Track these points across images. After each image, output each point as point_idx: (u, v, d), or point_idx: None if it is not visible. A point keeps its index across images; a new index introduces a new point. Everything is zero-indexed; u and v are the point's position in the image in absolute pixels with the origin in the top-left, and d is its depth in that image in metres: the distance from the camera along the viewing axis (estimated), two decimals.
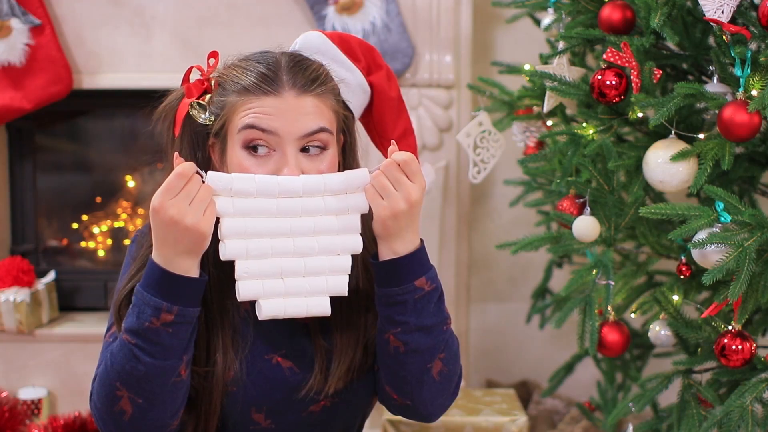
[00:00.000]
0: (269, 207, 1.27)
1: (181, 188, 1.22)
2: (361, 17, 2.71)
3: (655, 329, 2.09)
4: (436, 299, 1.33)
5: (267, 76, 1.31)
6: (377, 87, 1.49)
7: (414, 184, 1.29)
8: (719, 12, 1.72)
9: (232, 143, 1.33)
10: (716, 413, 1.82)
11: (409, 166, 1.29)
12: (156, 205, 1.23)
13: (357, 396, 1.42)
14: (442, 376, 1.36)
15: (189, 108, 1.34)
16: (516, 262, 3.05)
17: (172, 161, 1.35)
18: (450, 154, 2.83)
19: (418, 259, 1.32)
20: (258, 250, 1.27)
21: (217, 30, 2.81)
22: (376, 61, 1.50)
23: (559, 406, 2.91)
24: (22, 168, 3.06)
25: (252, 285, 1.28)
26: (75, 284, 3.09)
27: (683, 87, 1.78)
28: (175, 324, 1.25)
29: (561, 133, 2.07)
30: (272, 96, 1.30)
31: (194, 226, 1.22)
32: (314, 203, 1.29)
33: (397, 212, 1.28)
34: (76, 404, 2.81)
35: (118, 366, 1.27)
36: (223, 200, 1.26)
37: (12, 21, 2.72)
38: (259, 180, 1.27)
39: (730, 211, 1.74)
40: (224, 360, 1.36)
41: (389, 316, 1.33)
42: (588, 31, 1.96)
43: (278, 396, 1.38)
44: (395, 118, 1.53)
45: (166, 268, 1.25)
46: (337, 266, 1.31)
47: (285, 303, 1.29)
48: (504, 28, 2.95)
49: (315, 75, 1.34)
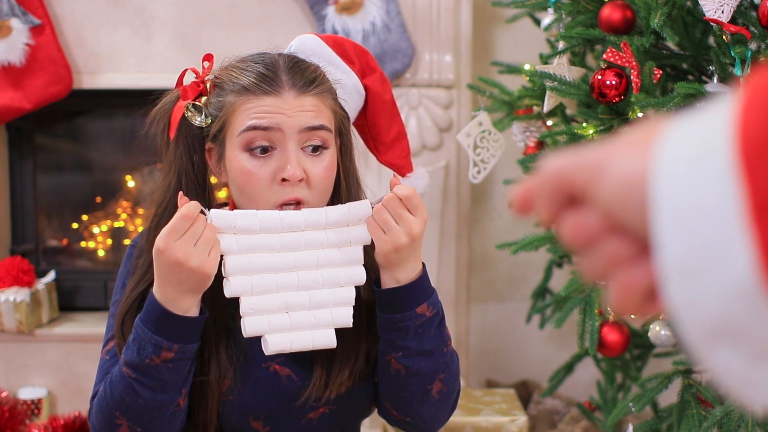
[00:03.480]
0: (272, 242, 1.27)
1: (186, 230, 1.21)
2: (361, 17, 2.70)
3: (655, 329, 2.09)
4: (437, 323, 1.35)
5: (266, 75, 1.31)
6: (372, 90, 1.50)
7: (416, 218, 1.29)
8: (719, 12, 1.73)
9: (231, 146, 1.32)
10: (716, 413, 1.82)
11: (411, 201, 1.29)
12: (161, 247, 1.22)
13: (356, 403, 1.42)
14: (441, 394, 1.38)
15: (185, 110, 1.33)
16: (516, 262, 3.05)
17: (167, 164, 1.35)
18: (450, 154, 2.83)
19: (420, 286, 1.32)
20: (262, 285, 1.27)
21: (217, 30, 2.81)
22: (369, 64, 1.51)
23: (559, 406, 2.91)
24: (22, 168, 3.06)
25: (258, 321, 1.27)
26: (75, 284, 3.09)
27: (683, 87, 1.78)
28: (174, 360, 1.26)
29: (561, 133, 2.07)
30: (272, 96, 1.30)
31: (199, 267, 1.22)
32: (317, 236, 1.29)
33: (398, 246, 1.28)
34: (76, 404, 2.81)
35: (118, 397, 1.28)
36: (227, 238, 1.25)
37: (12, 21, 2.72)
38: (262, 216, 1.26)
39: None
40: (219, 368, 1.35)
41: (391, 340, 1.34)
42: (588, 31, 1.97)
43: (276, 404, 1.38)
44: (389, 122, 1.53)
45: (167, 307, 1.24)
46: (341, 298, 1.31)
47: (291, 337, 1.29)
48: (504, 28, 2.95)
49: (313, 75, 1.34)
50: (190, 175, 1.36)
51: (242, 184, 1.31)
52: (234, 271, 1.26)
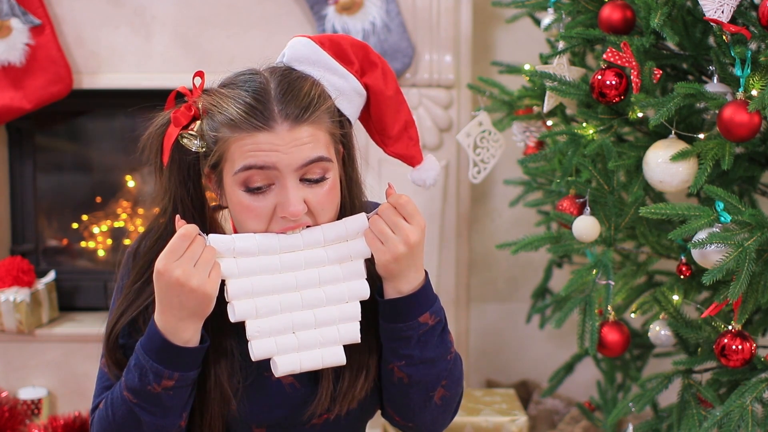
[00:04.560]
0: (273, 263, 1.26)
1: (184, 250, 1.20)
2: (361, 17, 2.70)
3: (655, 329, 2.09)
4: (439, 331, 1.34)
5: (256, 109, 1.24)
6: (373, 88, 1.45)
7: (412, 226, 1.28)
8: (719, 12, 1.72)
9: (229, 182, 1.28)
10: (716, 413, 1.82)
11: (405, 208, 1.28)
12: (160, 268, 1.21)
13: (362, 409, 1.41)
14: (444, 400, 1.38)
15: (179, 138, 1.28)
16: (516, 262, 3.05)
17: (162, 189, 1.31)
18: (450, 154, 2.83)
19: (423, 295, 1.32)
20: (267, 307, 1.26)
21: (217, 30, 2.81)
22: (369, 59, 1.43)
23: (559, 406, 2.91)
24: (22, 168, 3.06)
25: (265, 343, 1.26)
26: (75, 284, 3.09)
27: (683, 87, 1.78)
28: (176, 388, 1.26)
29: (561, 133, 2.07)
30: (265, 132, 1.23)
31: (200, 287, 1.21)
32: (316, 254, 1.28)
33: (397, 255, 1.27)
34: (76, 404, 2.81)
35: (120, 420, 1.29)
36: (227, 262, 1.24)
37: (12, 21, 2.72)
38: (259, 238, 1.25)
39: (730, 211, 1.74)
40: (221, 378, 1.34)
41: (393, 349, 1.33)
42: (588, 31, 1.97)
43: (279, 414, 1.37)
44: (394, 115, 1.49)
45: (168, 337, 1.24)
46: (347, 314, 1.30)
47: (300, 357, 1.28)
48: (504, 28, 2.95)
49: (308, 101, 1.27)
50: (185, 201, 1.32)
51: (242, 219, 1.29)
52: (237, 295, 1.25)
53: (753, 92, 1.73)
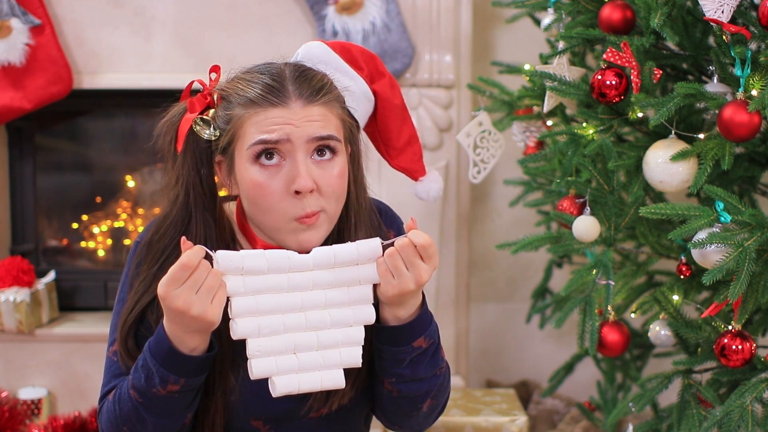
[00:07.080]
0: (280, 282, 1.25)
1: (186, 278, 1.20)
2: (361, 17, 2.70)
3: (655, 329, 2.09)
4: (432, 352, 1.35)
5: (272, 86, 1.29)
6: (381, 95, 1.48)
7: (427, 267, 1.27)
8: (719, 12, 1.72)
9: (240, 160, 1.31)
10: (716, 413, 1.82)
11: (427, 250, 1.27)
12: (162, 294, 1.21)
13: (358, 404, 1.43)
14: (431, 408, 1.41)
15: (193, 124, 1.32)
16: (516, 262, 3.05)
17: (174, 176, 1.34)
18: (450, 154, 2.83)
19: (419, 321, 1.32)
20: (270, 327, 1.24)
21: (217, 30, 2.81)
22: (378, 69, 1.49)
23: (559, 406, 2.91)
24: (22, 168, 3.06)
25: (265, 363, 1.25)
26: (75, 284, 3.09)
27: (683, 87, 1.78)
28: (181, 392, 1.27)
29: (561, 133, 2.07)
30: (279, 107, 1.28)
31: (201, 315, 1.20)
32: (325, 276, 1.27)
33: (405, 291, 1.28)
34: (76, 404, 2.81)
35: (125, 416, 1.31)
36: (234, 279, 1.22)
37: (12, 21, 2.72)
38: (270, 256, 1.24)
39: (730, 211, 1.74)
40: (222, 375, 1.36)
41: (385, 367, 1.35)
42: (588, 31, 1.97)
43: (277, 408, 1.38)
44: (400, 126, 1.51)
45: (175, 344, 1.25)
46: (351, 338, 1.29)
47: (299, 378, 1.27)
48: (504, 28, 2.95)
49: (320, 84, 1.32)
50: (197, 188, 1.35)
51: (255, 198, 1.31)
52: (240, 313, 1.23)
53: (753, 92, 1.73)
